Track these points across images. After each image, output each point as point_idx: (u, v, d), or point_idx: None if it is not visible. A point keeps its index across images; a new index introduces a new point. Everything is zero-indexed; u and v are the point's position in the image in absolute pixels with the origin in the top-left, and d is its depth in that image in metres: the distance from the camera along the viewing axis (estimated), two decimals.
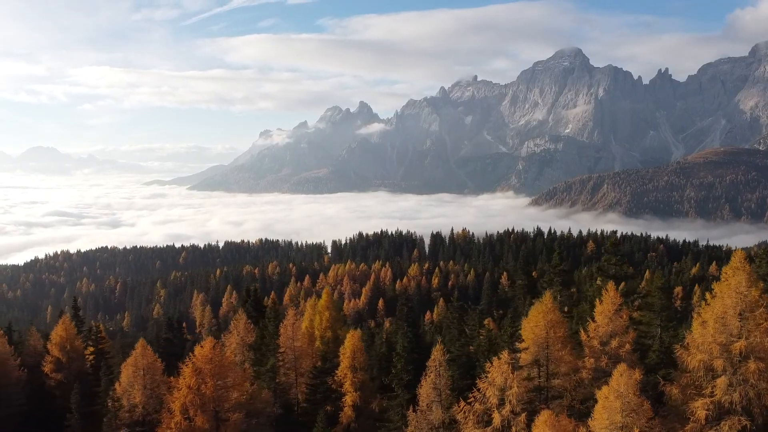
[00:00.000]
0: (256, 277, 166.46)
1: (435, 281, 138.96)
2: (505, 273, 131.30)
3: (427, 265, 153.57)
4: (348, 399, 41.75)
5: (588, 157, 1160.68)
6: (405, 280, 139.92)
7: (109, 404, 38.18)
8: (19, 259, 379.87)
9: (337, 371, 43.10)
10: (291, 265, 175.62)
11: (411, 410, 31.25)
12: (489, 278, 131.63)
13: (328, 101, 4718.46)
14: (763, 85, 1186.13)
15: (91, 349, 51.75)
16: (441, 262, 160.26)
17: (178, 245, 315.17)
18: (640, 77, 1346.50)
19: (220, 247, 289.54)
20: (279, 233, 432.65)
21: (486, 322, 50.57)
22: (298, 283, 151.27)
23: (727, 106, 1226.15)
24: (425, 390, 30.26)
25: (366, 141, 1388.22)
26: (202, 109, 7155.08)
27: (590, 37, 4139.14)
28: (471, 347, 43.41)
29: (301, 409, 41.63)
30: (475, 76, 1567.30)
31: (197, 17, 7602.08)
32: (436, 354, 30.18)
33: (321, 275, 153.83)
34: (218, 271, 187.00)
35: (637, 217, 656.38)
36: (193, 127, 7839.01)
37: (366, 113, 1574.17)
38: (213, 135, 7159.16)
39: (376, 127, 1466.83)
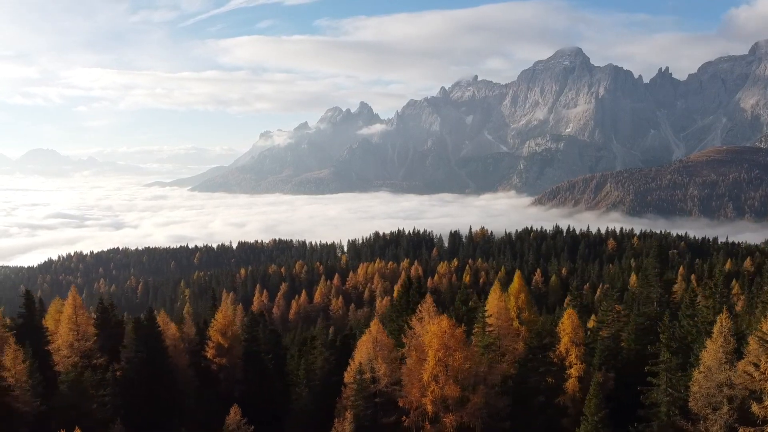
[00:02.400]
0: (283, 276, 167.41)
1: (466, 278, 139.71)
2: (539, 269, 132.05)
3: (456, 263, 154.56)
4: (573, 371, 44.64)
5: (589, 157, 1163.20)
6: (436, 277, 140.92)
7: (357, 377, 41.37)
8: (24, 261, 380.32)
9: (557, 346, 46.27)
10: (318, 264, 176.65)
11: (696, 371, 33.70)
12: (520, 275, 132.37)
13: (324, 102, 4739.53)
14: (763, 83, 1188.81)
15: None
16: (469, 260, 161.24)
17: (188, 246, 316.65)
18: (640, 76, 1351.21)
19: (234, 248, 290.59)
20: (283, 234, 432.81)
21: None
22: (328, 282, 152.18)
23: (728, 104, 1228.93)
24: (712, 354, 32.71)
25: (367, 141, 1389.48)
26: (199, 111, 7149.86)
27: (585, 36, 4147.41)
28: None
29: (517, 380, 43.48)
30: (476, 76, 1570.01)
31: (195, 19, 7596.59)
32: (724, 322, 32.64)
33: (351, 273, 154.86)
34: (243, 271, 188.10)
35: (640, 216, 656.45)
36: (191, 128, 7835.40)
37: (367, 114, 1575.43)
38: (211, 136, 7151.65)
39: (376, 128, 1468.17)
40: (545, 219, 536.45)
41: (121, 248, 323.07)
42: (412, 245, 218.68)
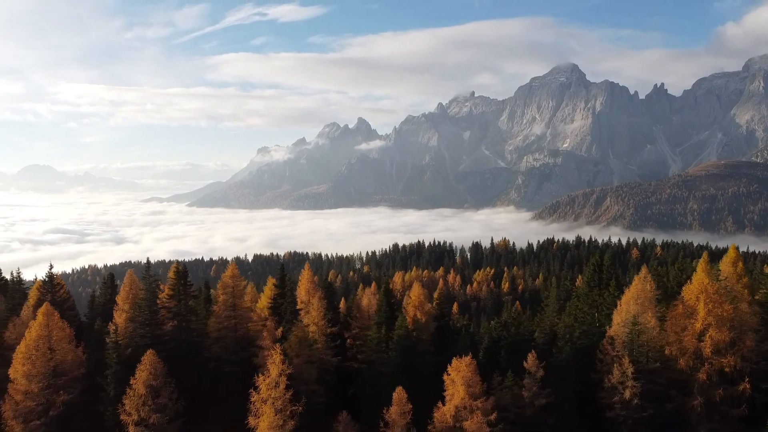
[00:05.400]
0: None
1: (505, 286, 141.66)
2: (580, 276, 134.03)
3: (492, 271, 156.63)
4: None
5: (587, 171, 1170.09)
6: (475, 285, 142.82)
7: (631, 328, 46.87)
8: (29, 275, 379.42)
9: None
10: (351, 273, 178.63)
11: None
12: (556, 282, 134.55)
13: (315, 117, 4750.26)
14: (757, 99, 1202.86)
15: None
16: (505, 268, 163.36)
17: (203, 258, 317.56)
18: (636, 92, 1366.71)
19: (250, 261, 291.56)
20: (284, 249, 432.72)
21: None
22: (366, 289, 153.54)
23: (723, 119, 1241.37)
24: None
25: (365, 157, 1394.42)
26: (192, 127, 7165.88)
27: (574, 51, 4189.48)
28: None
29: None
30: (473, 92, 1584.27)
31: (190, 36, 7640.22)
32: None
33: (390, 281, 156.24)
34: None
35: (641, 230, 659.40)
36: (185, 144, 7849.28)
37: (365, 129, 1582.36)
38: (205, 152, 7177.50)
39: (375, 143, 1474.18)
40: (546, 233, 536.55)
41: (133, 261, 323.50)
42: (434, 256, 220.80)
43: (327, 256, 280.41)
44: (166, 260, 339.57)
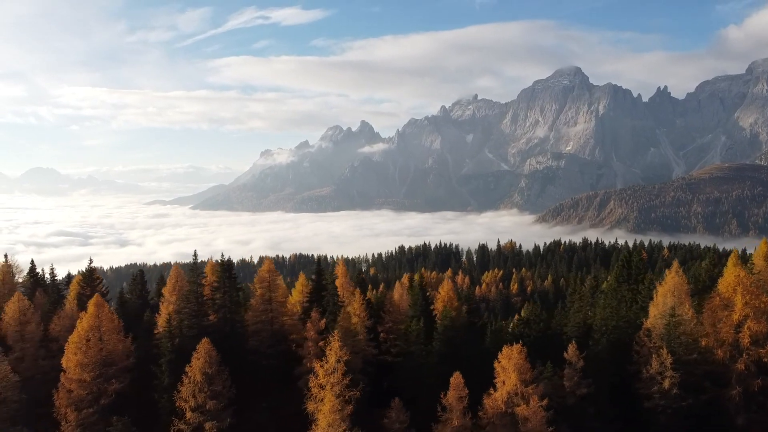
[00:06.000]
0: None
1: (514, 287, 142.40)
2: (589, 276, 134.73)
3: (501, 273, 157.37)
4: None
5: (590, 174, 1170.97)
6: (483, 286, 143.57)
7: (669, 319, 48.10)
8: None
9: None
10: (361, 273, 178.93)
11: None
12: (565, 284, 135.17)
13: (316, 120, 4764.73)
14: (761, 102, 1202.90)
15: None
16: (513, 270, 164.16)
17: (212, 260, 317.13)
18: (639, 95, 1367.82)
19: (255, 262, 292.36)
20: (287, 251, 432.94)
21: None
22: (397, 284, 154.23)
23: (726, 123, 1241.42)
24: None
25: (368, 160, 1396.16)
26: (194, 130, 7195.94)
27: (575, 54, 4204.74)
28: None
29: None
30: (476, 95, 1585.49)
31: (192, 39, 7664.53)
32: None
33: (397, 283, 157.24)
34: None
35: (644, 233, 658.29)
36: (187, 147, 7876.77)
37: (368, 132, 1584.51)
38: (207, 155, 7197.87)
39: (378, 146, 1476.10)
40: (550, 236, 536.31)
41: (138, 263, 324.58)
42: (441, 258, 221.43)
43: (333, 258, 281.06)
44: (172, 262, 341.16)
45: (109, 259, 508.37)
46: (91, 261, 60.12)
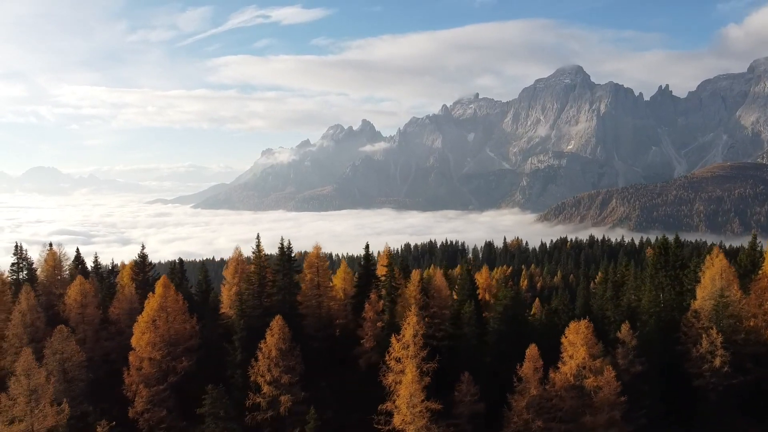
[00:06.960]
0: None
1: (524, 284, 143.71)
2: (600, 273, 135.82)
3: (510, 269, 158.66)
4: None
5: (592, 173, 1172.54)
6: (493, 282, 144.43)
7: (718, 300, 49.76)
8: None
9: None
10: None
11: None
12: (574, 280, 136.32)
13: (316, 119, 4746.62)
14: (763, 100, 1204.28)
15: None
16: (522, 266, 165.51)
17: (214, 258, 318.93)
18: (641, 94, 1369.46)
19: None
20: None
21: None
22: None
23: (728, 121, 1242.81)
24: None
25: (369, 159, 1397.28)
26: (194, 129, 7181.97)
27: (575, 53, 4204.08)
28: None
29: None
30: (477, 94, 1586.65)
31: (193, 38, 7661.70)
32: None
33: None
34: None
35: (647, 231, 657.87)
36: (187, 147, 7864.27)
37: (369, 131, 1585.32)
38: (208, 154, 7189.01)
39: (379, 145, 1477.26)
40: (552, 235, 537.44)
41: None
42: (447, 255, 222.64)
43: (337, 255, 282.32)
44: (176, 260, 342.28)
45: (112, 257, 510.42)
46: (143, 247, 61.34)
